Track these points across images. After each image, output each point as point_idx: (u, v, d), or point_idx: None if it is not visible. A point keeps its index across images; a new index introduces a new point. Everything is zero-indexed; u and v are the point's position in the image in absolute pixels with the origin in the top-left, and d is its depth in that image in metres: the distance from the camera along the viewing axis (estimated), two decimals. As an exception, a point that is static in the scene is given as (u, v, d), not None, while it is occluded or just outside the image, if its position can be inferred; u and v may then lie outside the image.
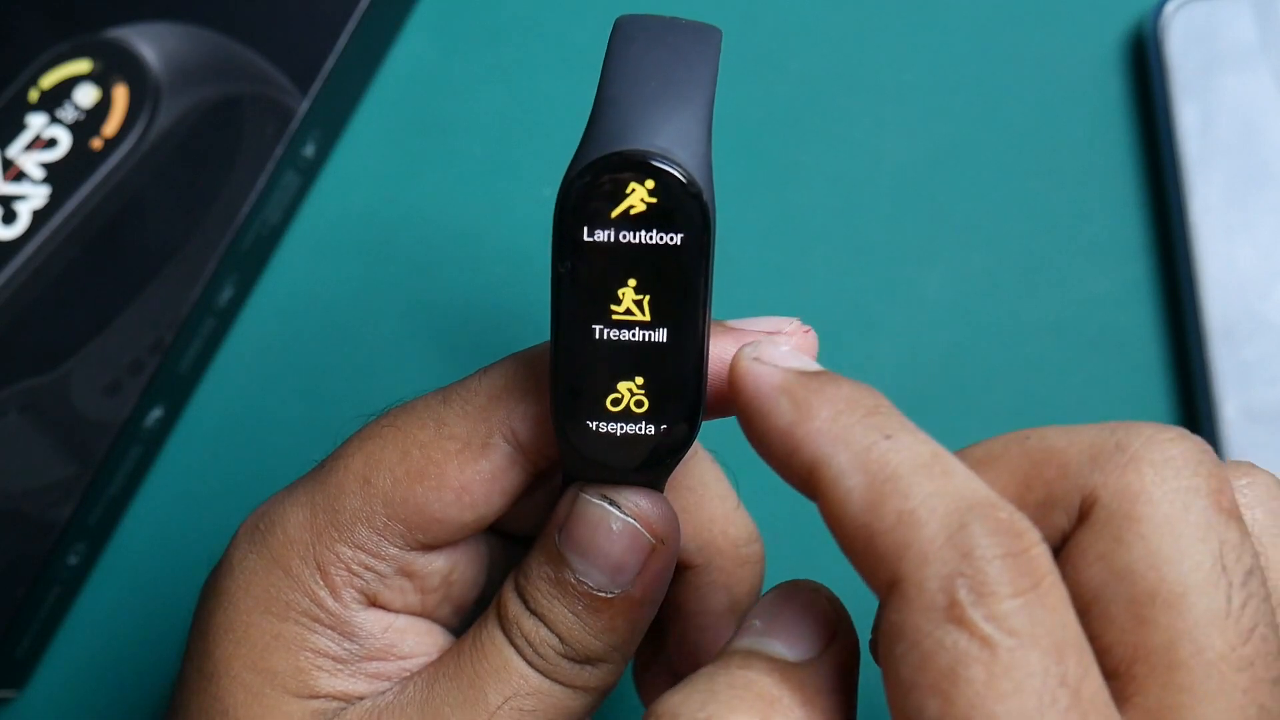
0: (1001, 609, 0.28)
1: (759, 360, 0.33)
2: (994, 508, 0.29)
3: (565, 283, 0.33)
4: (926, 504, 0.30)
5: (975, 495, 0.30)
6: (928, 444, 0.31)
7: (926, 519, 0.29)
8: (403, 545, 0.37)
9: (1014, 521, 0.29)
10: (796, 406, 0.32)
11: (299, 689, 0.37)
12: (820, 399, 0.32)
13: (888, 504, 0.30)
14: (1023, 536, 0.29)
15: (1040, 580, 0.29)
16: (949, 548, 0.29)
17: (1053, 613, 0.29)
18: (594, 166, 0.32)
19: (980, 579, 0.29)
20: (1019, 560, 0.29)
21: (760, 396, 0.32)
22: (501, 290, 0.54)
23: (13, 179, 0.52)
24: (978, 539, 0.29)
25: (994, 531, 0.29)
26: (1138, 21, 0.55)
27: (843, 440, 0.31)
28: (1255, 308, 0.52)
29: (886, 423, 0.31)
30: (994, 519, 0.29)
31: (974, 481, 0.30)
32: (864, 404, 0.32)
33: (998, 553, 0.29)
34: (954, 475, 0.30)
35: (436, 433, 0.37)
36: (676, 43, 0.34)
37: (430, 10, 0.56)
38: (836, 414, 0.31)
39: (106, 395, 0.51)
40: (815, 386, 0.32)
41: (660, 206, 0.33)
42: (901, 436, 0.31)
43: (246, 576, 0.38)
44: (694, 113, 0.33)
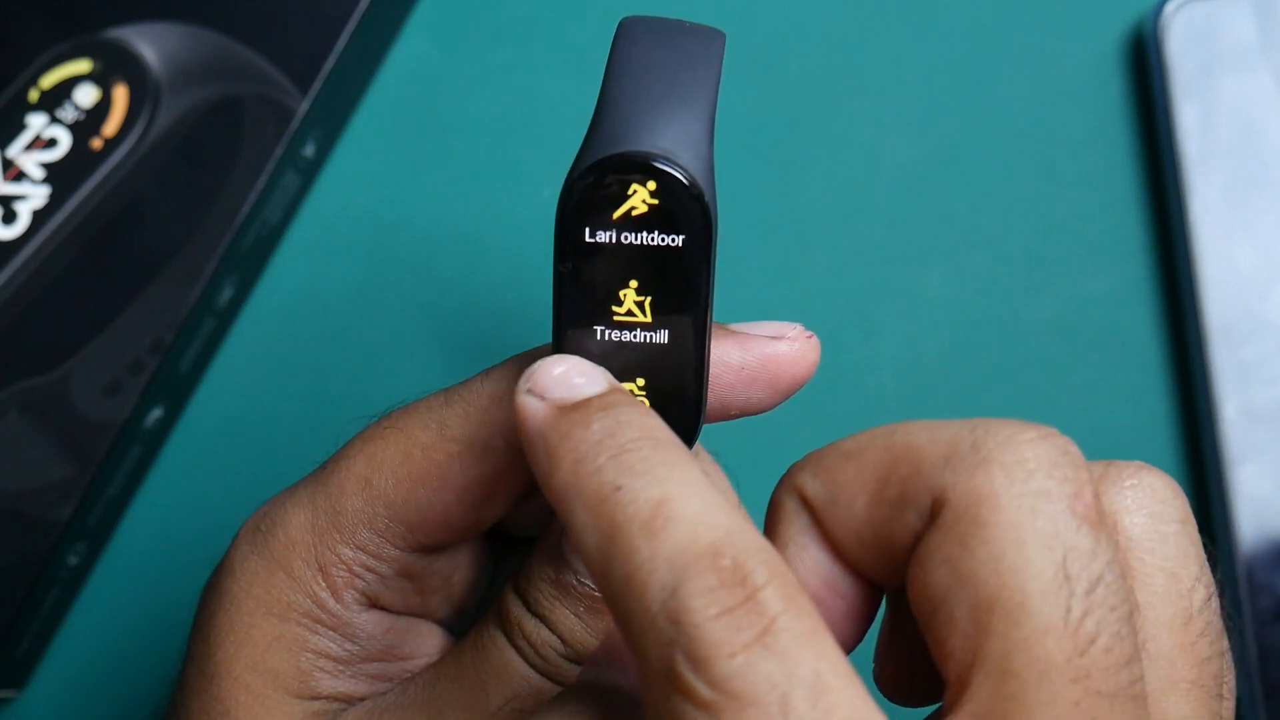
0: (720, 672, 0.27)
1: (530, 393, 0.32)
2: (715, 557, 0.28)
3: (567, 283, 0.33)
4: (645, 567, 0.28)
5: (694, 547, 0.28)
6: (660, 486, 0.29)
7: (644, 584, 0.28)
8: (404, 547, 0.37)
9: (737, 566, 0.28)
10: (547, 453, 0.31)
11: (300, 690, 0.37)
12: (566, 446, 0.31)
13: (614, 567, 0.29)
14: (745, 584, 0.28)
15: (767, 627, 0.27)
16: (663, 615, 0.28)
17: (780, 660, 0.27)
18: (596, 167, 0.33)
19: (694, 645, 0.27)
20: (737, 614, 0.27)
21: (526, 441, 0.32)
22: (501, 290, 0.54)
23: (13, 179, 0.52)
24: (688, 601, 0.27)
25: (709, 589, 0.27)
26: (1138, 21, 0.55)
27: (580, 495, 0.30)
28: (1255, 308, 0.52)
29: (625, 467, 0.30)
30: (712, 571, 0.28)
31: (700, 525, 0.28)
32: (610, 445, 0.30)
33: (711, 613, 0.27)
34: (675, 525, 0.28)
35: (439, 435, 0.37)
36: (680, 45, 0.34)
37: (430, 10, 0.56)
38: (577, 463, 0.30)
39: (106, 395, 0.51)
40: (564, 429, 0.31)
41: (662, 208, 0.33)
42: (632, 484, 0.29)
43: (248, 577, 0.38)
44: (697, 115, 0.33)
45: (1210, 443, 0.51)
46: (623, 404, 0.31)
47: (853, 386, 0.54)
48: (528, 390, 0.32)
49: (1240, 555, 0.50)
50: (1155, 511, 0.33)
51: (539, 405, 0.31)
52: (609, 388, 0.32)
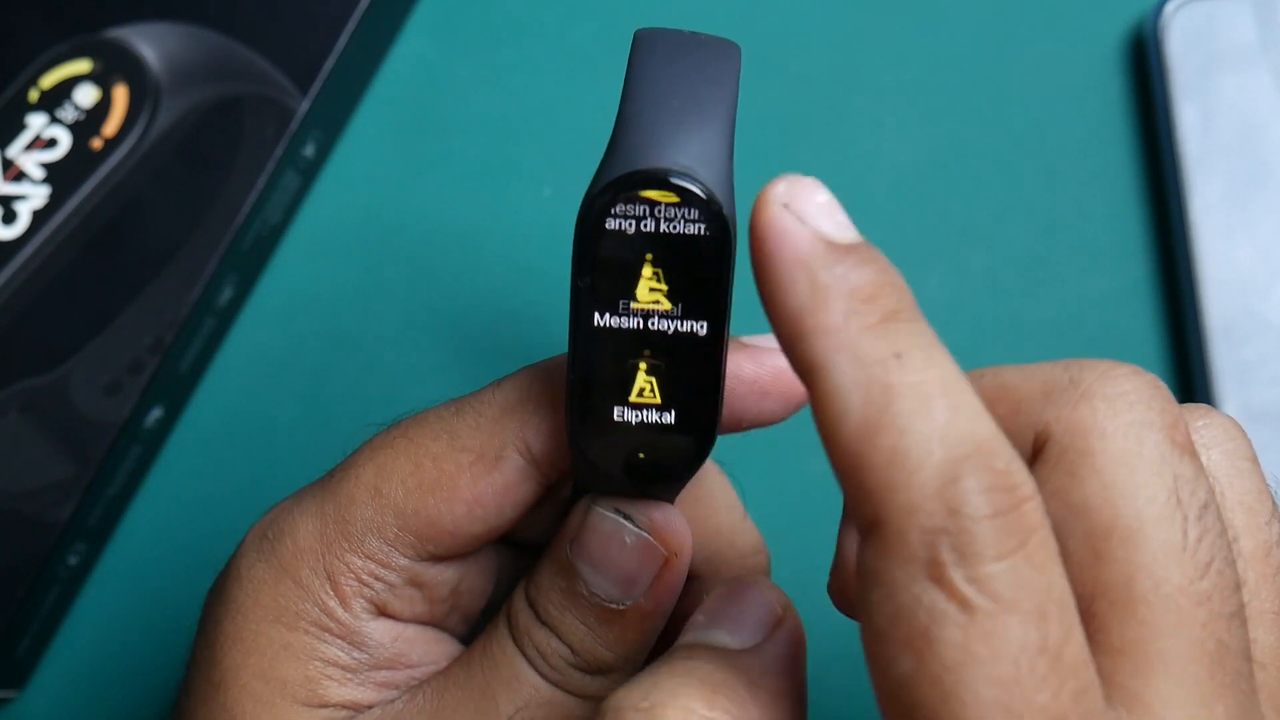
0: (984, 572, 0.27)
1: (789, 209, 0.29)
2: (992, 457, 0.27)
3: (585, 297, 0.33)
4: (922, 445, 0.27)
5: (975, 440, 0.27)
6: (939, 367, 0.28)
7: (919, 463, 0.27)
8: (413, 556, 0.37)
9: (1010, 474, 0.27)
10: (812, 289, 0.28)
11: (308, 698, 0.37)
12: (839, 288, 0.28)
13: (882, 437, 0.27)
14: (1015, 491, 0.27)
15: (1028, 539, 0.27)
16: (937, 500, 0.27)
17: (1039, 573, 0.27)
18: (616, 184, 0.32)
19: (965, 539, 0.27)
20: (1008, 519, 0.27)
21: (779, 263, 0.29)
22: (501, 290, 0.54)
23: (13, 179, 0.52)
24: (968, 495, 0.27)
25: (987, 488, 0.27)
26: (1138, 21, 0.55)
27: (849, 349, 0.28)
28: (1255, 308, 0.52)
29: (902, 334, 0.28)
30: (990, 471, 0.27)
31: (979, 421, 0.28)
32: (883, 305, 0.28)
33: (986, 512, 0.27)
34: (958, 412, 0.27)
35: (449, 444, 0.37)
36: (697, 59, 0.34)
37: (430, 10, 0.56)
38: (850, 312, 0.28)
39: (106, 395, 0.51)
40: (839, 270, 0.28)
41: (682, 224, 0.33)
42: (913, 356, 0.28)
43: (255, 585, 0.38)
44: (716, 130, 0.33)
45: (1210, 443, 0.51)
46: (888, 263, 0.29)
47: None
48: (785, 205, 0.29)
49: (1240, 555, 0.51)
50: (1229, 449, 0.34)
51: (804, 230, 0.29)
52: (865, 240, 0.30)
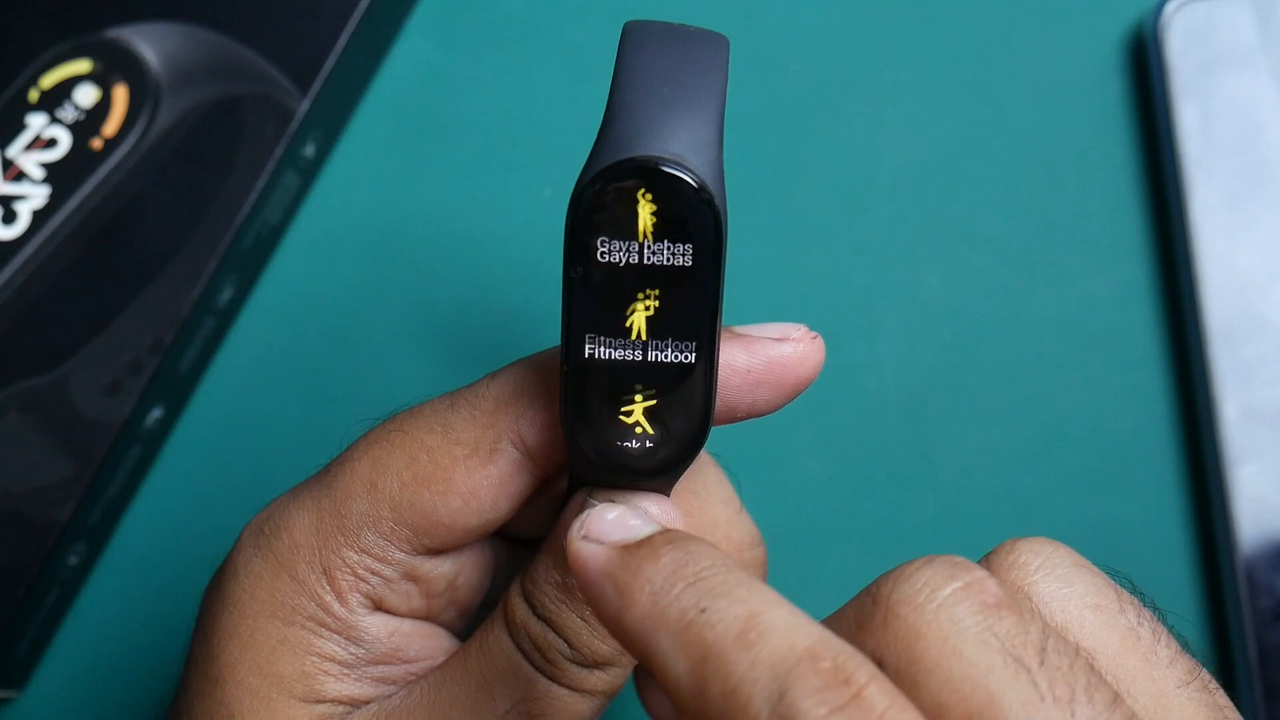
0: None
1: (587, 539, 0.32)
2: (815, 660, 0.28)
3: (577, 288, 0.33)
4: (746, 679, 0.28)
5: (793, 653, 0.28)
6: (745, 603, 0.29)
7: (748, 696, 0.28)
8: (409, 550, 0.37)
9: (839, 667, 0.28)
10: (619, 593, 0.31)
11: (305, 693, 0.37)
12: (639, 580, 0.31)
13: (711, 686, 0.29)
14: (850, 682, 0.28)
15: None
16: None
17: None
18: (606, 173, 0.32)
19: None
20: (849, 711, 0.28)
21: (589, 584, 0.32)
22: (501, 290, 0.54)
23: (13, 179, 0.52)
24: (799, 703, 0.28)
25: (816, 689, 0.28)
26: (1138, 21, 0.55)
27: (662, 624, 0.30)
28: (1255, 308, 0.52)
29: (704, 591, 0.30)
30: (815, 673, 0.28)
31: (795, 633, 0.29)
32: (684, 574, 0.30)
33: (821, 712, 0.27)
34: (770, 635, 0.29)
35: (444, 438, 0.37)
36: (686, 50, 0.34)
37: (430, 10, 0.56)
38: (654, 595, 0.30)
39: (106, 395, 0.51)
40: (634, 566, 0.31)
41: (673, 213, 0.33)
42: (716, 604, 0.29)
43: (252, 580, 0.38)
44: (706, 120, 0.33)
45: (1210, 443, 0.51)
46: (685, 537, 0.31)
47: (853, 386, 0.54)
48: (583, 537, 0.32)
49: (1240, 555, 0.51)
50: (1046, 566, 0.34)
51: (599, 548, 0.32)
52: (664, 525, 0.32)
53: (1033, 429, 0.53)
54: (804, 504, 0.53)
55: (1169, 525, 0.53)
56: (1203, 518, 0.52)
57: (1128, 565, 0.52)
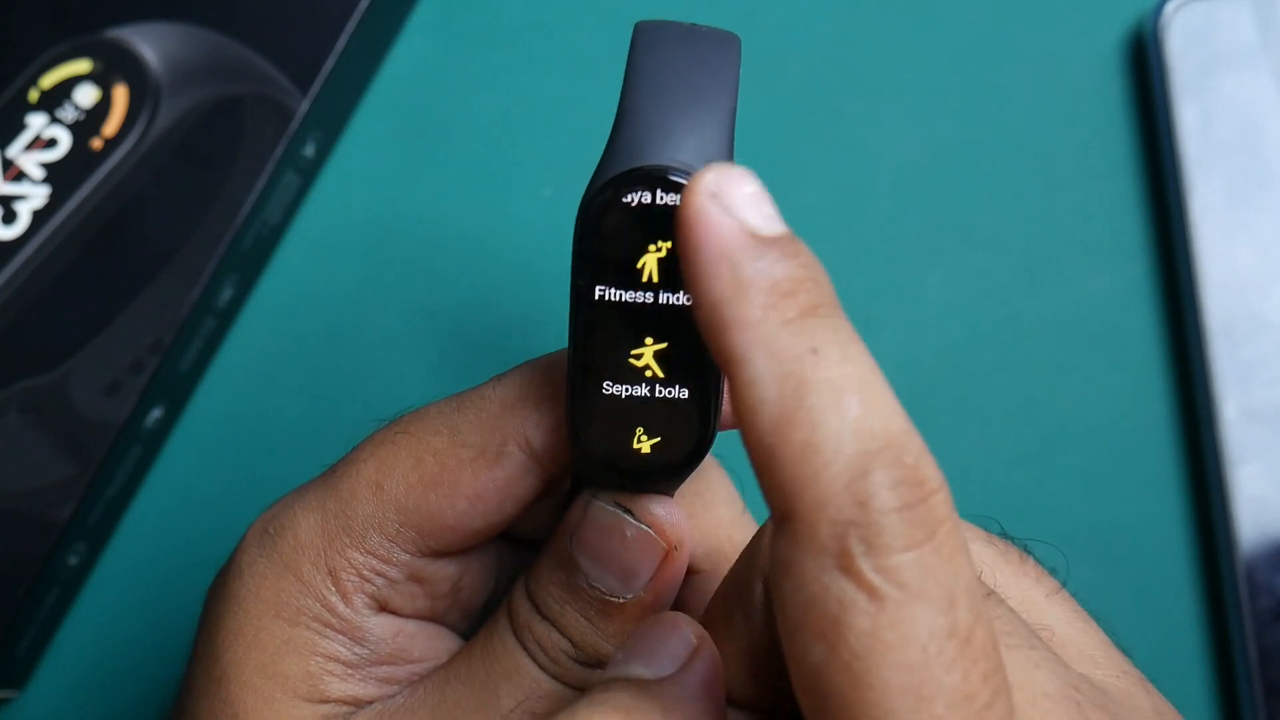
0: (892, 562, 0.28)
1: (716, 199, 0.29)
2: (902, 451, 0.28)
3: (585, 292, 0.33)
4: (834, 440, 0.28)
5: (886, 435, 0.28)
6: (854, 363, 0.29)
7: (831, 457, 0.28)
8: (414, 552, 0.37)
9: (918, 468, 0.28)
10: (733, 281, 0.29)
11: (310, 694, 0.37)
12: (759, 280, 0.29)
13: (795, 431, 0.28)
14: (924, 485, 0.28)
15: (935, 530, 0.28)
16: (847, 494, 0.28)
17: (946, 563, 0.28)
18: (616, 182, 0.32)
19: (873, 531, 0.28)
20: (915, 512, 0.28)
21: (703, 253, 0.29)
22: (501, 290, 0.54)
23: (13, 179, 0.52)
24: (877, 489, 0.28)
25: (895, 482, 0.28)
26: (1138, 21, 0.55)
27: (766, 342, 0.28)
28: (1255, 308, 0.52)
29: (819, 330, 0.29)
30: (899, 465, 0.28)
31: (891, 417, 0.28)
32: (802, 300, 0.29)
33: (894, 505, 0.28)
34: (871, 408, 0.28)
35: (450, 440, 0.37)
36: (698, 51, 0.34)
37: (430, 10, 0.56)
38: (768, 306, 0.28)
39: (106, 395, 0.51)
40: (760, 264, 0.29)
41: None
42: (828, 352, 0.28)
43: (256, 581, 0.38)
44: (716, 126, 0.33)
45: (1210, 443, 0.51)
46: (812, 258, 0.30)
47: (853, 386, 0.54)
48: (713, 195, 0.29)
49: (1240, 555, 0.51)
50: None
51: (729, 221, 0.29)
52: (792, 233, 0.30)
53: (1033, 429, 0.53)
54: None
55: (1169, 525, 0.53)
56: (1203, 518, 0.53)
57: (1128, 565, 0.52)
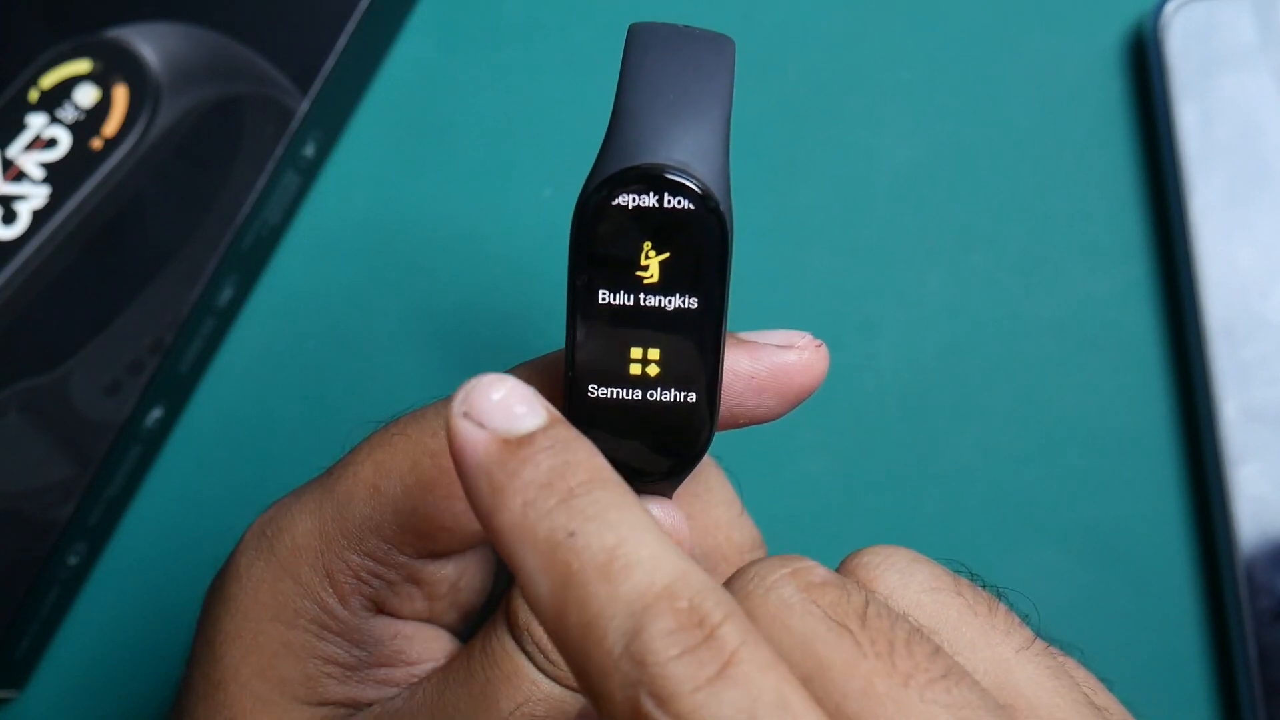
0: (685, 706, 0.27)
1: (468, 417, 0.30)
2: (672, 599, 0.28)
3: (582, 292, 0.33)
4: (604, 612, 0.28)
5: (654, 588, 0.28)
6: (614, 530, 0.29)
7: (604, 630, 0.28)
8: (412, 553, 0.37)
9: (694, 609, 0.28)
10: (492, 492, 0.30)
11: (308, 696, 0.37)
12: (515, 483, 0.30)
13: (570, 614, 0.28)
14: (704, 622, 0.28)
15: (729, 659, 0.27)
16: (625, 658, 0.28)
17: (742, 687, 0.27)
18: (611, 181, 0.32)
19: (658, 685, 0.27)
20: (697, 653, 0.27)
21: (464, 471, 0.30)
22: (501, 290, 0.54)
23: (13, 179, 0.52)
24: (651, 643, 0.27)
25: (669, 630, 0.27)
26: (1138, 21, 0.55)
27: (530, 539, 0.29)
28: (1255, 308, 0.52)
29: (576, 511, 0.29)
30: (671, 614, 0.28)
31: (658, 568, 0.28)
32: (560, 487, 0.29)
33: (673, 653, 0.27)
34: (633, 570, 0.28)
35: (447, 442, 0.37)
36: (692, 53, 0.34)
37: (430, 10, 0.56)
38: (526, 504, 0.29)
39: (106, 395, 0.51)
40: (511, 467, 0.30)
41: (678, 221, 0.33)
42: (586, 529, 0.29)
43: (254, 583, 0.38)
44: (711, 125, 0.33)
45: (1210, 443, 0.51)
46: (568, 440, 0.30)
47: (853, 386, 0.54)
48: (464, 414, 0.30)
49: (1240, 555, 0.51)
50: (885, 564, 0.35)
51: (480, 435, 0.30)
52: (549, 419, 0.31)
53: (1033, 429, 0.53)
54: (804, 504, 0.53)
55: (1169, 525, 0.53)
56: (1203, 518, 0.53)
57: (1128, 565, 0.52)
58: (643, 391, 0.34)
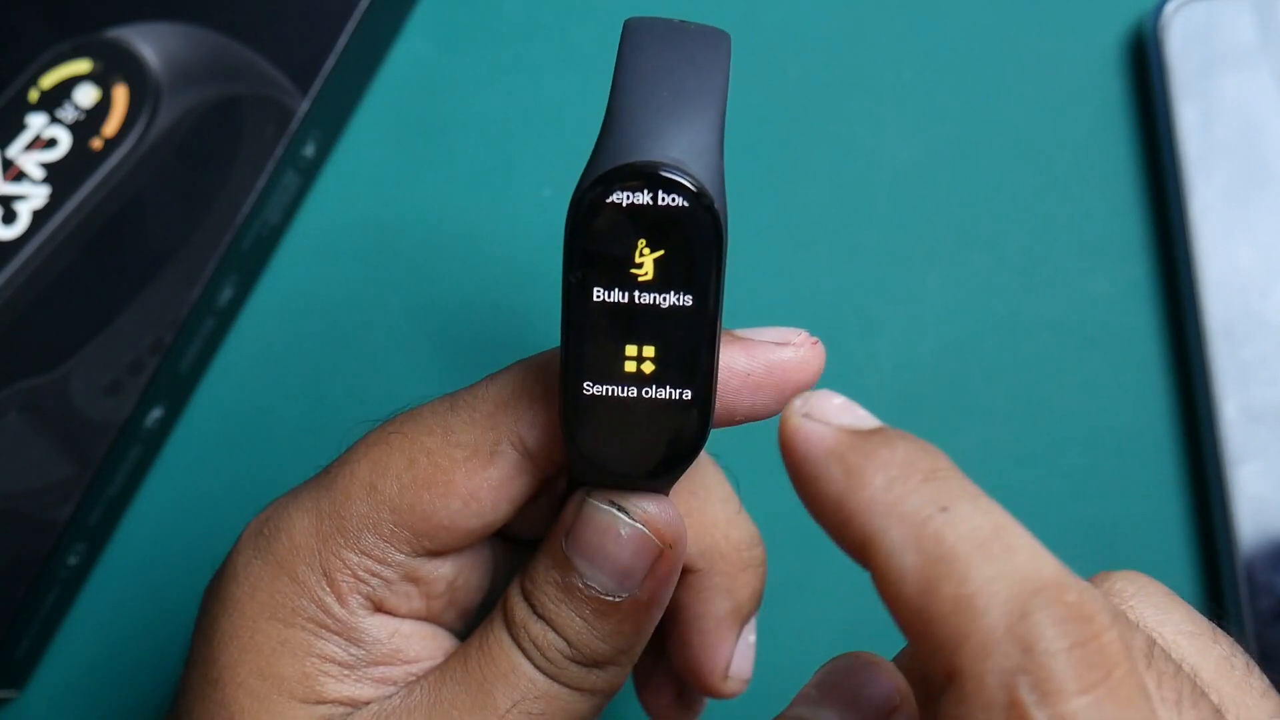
0: (1067, 709, 0.26)
1: (809, 417, 0.30)
2: (1062, 590, 0.27)
3: (576, 289, 0.33)
4: (986, 588, 0.27)
5: (1041, 576, 0.27)
6: (989, 514, 0.28)
7: (986, 606, 0.27)
8: (409, 552, 0.37)
9: (1084, 605, 0.27)
10: (848, 473, 0.29)
11: (305, 694, 0.37)
12: (873, 464, 0.29)
13: (944, 587, 0.27)
14: (1093, 621, 0.27)
15: (1111, 671, 0.27)
16: (1010, 640, 0.27)
17: (1124, 707, 0.26)
18: (606, 178, 0.32)
19: (1044, 675, 0.26)
20: (1087, 651, 0.27)
21: (810, 461, 0.30)
22: (501, 290, 0.54)
23: (13, 179, 0.52)
24: (1042, 630, 0.27)
25: (1060, 620, 0.27)
26: (1138, 21, 0.55)
27: (896, 513, 0.28)
28: (1255, 308, 0.52)
29: (945, 490, 0.29)
30: (1061, 604, 0.27)
31: (1040, 558, 0.28)
32: (921, 468, 0.29)
33: (1063, 645, 0.26)
34: (1017, 552, 0.28)
35: (444, 440, 0.37)
36: (687, 49, 0.34)
37: (430, 10, 0.56)
38: (890, 481, 0.29)
39: (106, 395, 0.51)
40: (868, 449, 0.29)
41: (672, 218, 0.33)
42: (960, 507, 0.28)
43: (251, 582, 0.38)
44: (706, 122, 0.33)
45: (1210, 443, 0.51)
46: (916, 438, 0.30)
47: (853, 386, 0.53)
48: (805, 414, 0.30)
49: (1240, 555, 0.51)
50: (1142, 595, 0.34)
51: (827, 429, 0.30)
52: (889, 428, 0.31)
53: (1033, 429, 0.53)
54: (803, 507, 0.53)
55: (1169, 525, 0.53)
56: (1203, 518, 0.52)
57: (1128, 565, 0.52)
58: (638, 389, 0.34)
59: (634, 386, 0.34)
